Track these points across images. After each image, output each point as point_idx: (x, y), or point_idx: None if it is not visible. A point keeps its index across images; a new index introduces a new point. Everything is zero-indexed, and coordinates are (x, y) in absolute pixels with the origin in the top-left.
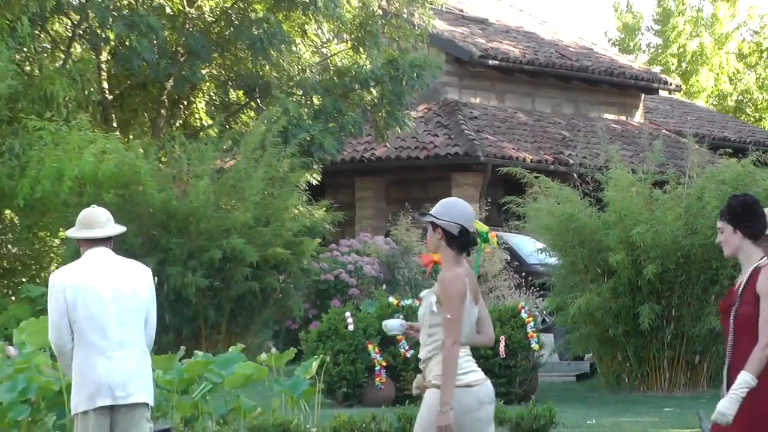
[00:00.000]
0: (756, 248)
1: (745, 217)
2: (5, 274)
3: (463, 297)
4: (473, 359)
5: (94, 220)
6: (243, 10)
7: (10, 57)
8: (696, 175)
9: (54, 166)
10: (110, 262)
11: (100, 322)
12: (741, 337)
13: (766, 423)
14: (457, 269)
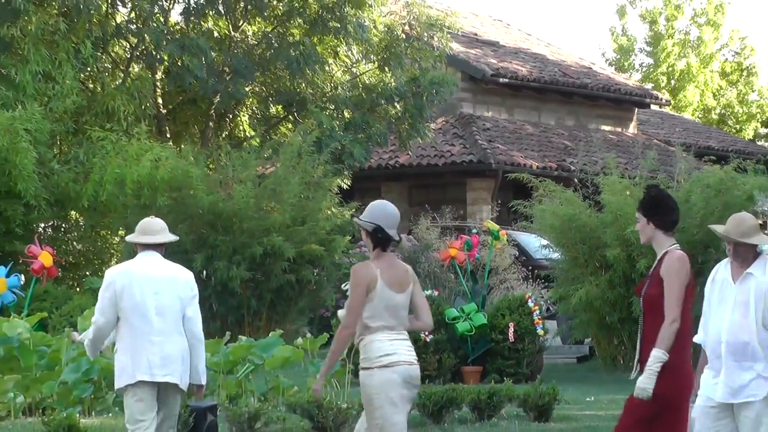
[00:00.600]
0: (667, 238)
1: (654, 211)
2: (71, 268)
3: (361, 286)
4: (403, 342)
5: (151, 229)
6: (282, 34)
7: (75, 76)
8: (683, 179)
9: (116, 172)
10: (157, 264)
11: (142, 310)
12: (648, 317)
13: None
14: (372, 261)
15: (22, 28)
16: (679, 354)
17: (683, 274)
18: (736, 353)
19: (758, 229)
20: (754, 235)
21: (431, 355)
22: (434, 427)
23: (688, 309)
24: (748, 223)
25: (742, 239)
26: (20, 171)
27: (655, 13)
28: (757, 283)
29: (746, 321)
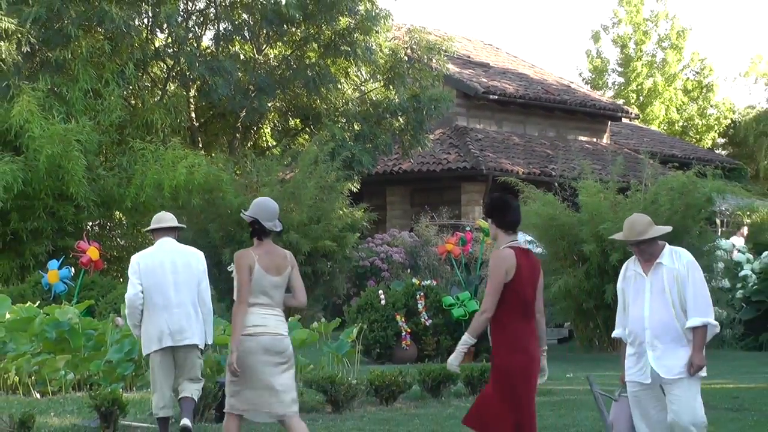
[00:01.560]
0: (507, 236)
1: (494, 213)
2: (115, 261)
3: (243, 269)
4: (274, 317)
5: (163, 219)
6: (300, 56)
7: (119, 93)
8: (650, 183)
9: (155, 177)
10: (172, 247)
11: (162, 287)
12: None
13: (510, 371)
14: (251, 249)
15: (72, 51)
16: (510, 337)
17: (497, 271)
18: (661, 336)
19: (651, 224)
20: (649, 231)
21: (430, 337)
22: (433, 401)
23: (519, 296)
24: (641, 222)
25: (641, 237)
26: (72, 176)
27: (625, 38)
28: (667, 270)
29: (666, 306)
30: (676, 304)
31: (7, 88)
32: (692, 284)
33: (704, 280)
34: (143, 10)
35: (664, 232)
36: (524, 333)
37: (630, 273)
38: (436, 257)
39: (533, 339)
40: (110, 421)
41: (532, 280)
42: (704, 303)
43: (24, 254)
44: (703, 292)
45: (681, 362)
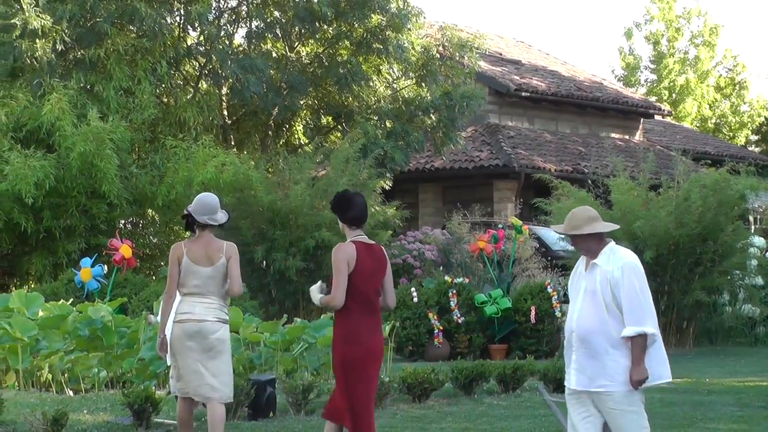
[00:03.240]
0: (351, 231)
1: (337, 209)
2: (148, 258)
3: (172, 261)
4: (202, 305)
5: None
6: (332, 54)
7: (152, 91)
8: (683, 181)
9: (185, 175)
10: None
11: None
12: None
13: (343, 362)
14: (185, 241)
15: (106, 49)
16: (346, 329)
17: (338, 263)
18: (585, 341)
19: (591, 220)
20: (584, 226)
21: (462, 335)
22: (465, 398)
23: (357, 290)
24: (579, 216)
25: (573, 232)
26: (104, 174)
27: (658, 35)
28: (601, 272)
29: (595, 310)
30: (611, 309)
31: (39, 86)
32: (626, 290)
33: (643, 285)
34: (175, 8)
35: (599, 230)
36: (363, 325)
37: (578, 270)
38: (469, 255)
39: (375, 332)
40: (143, 418)
41: (375, 274)
42: (639, 310)
43: (57, 252)
44: (638, 299)
45: (607, 373)
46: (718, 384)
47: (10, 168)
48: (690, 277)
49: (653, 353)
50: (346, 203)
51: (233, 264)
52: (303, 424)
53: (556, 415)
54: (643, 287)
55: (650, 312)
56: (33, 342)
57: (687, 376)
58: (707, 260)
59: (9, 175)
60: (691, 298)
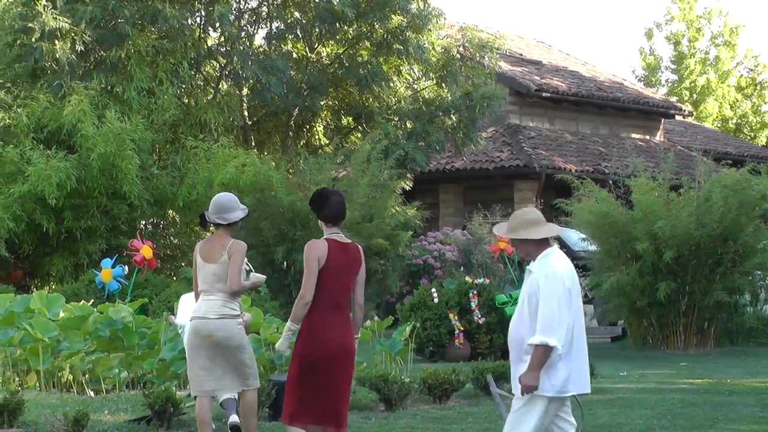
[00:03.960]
0: (327, 228)
1: (314, 207)
2: (168, 259)
3: (193, 261)
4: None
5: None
6: (352, 55)
7: (173, 92)
8: (704, 181)
9: (205, 176)
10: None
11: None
12: None
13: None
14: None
15: (127, 50)
16: (310, 325)
17: (309, 260)
18: (515, 348)
19: (529, 224)
20: (521, 230)
21: (483, 335)
22: (486, 399)
23: (325, 286)
24: (518, 218)
25: (509, 235)
26: (125, 175)
27: (678, 35)
28: (532, 278)
29: (520, 316)
30: (533, 316)
31: (59, 87)
32: (544, 298)
33: (559, 296)
34: (196, 9)
35: (530, 236)
36: (327, 323)
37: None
38: (489, 255)
39: (339, 330)
40: (164, 419)
41: (346, 272)
42: (548, 320)
43: (78, 253)
44: (551, 309)
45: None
46: (740, 385)
47: (33, 169)
48: (711, 277)
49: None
50: (322, 201)
51: (232, 260)
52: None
53: (499, 407)
54: (561, 299)
55: (560, 325)
56: (54, 343)
57: (708, 376)
58: (728, 261)
59: (31, 176)
60: (712, 299)
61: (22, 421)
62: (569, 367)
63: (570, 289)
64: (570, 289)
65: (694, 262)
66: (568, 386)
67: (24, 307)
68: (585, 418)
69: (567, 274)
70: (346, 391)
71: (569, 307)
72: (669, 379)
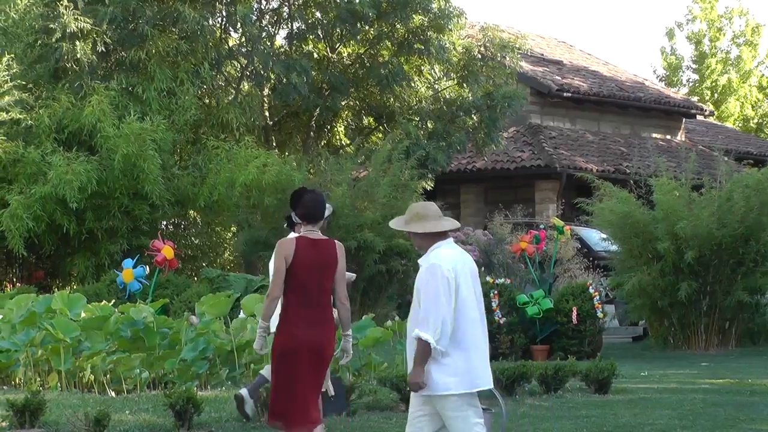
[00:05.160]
0: (303, 226)
1: (293, 205)
2: (189, 259)
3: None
4: None
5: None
6: (373, 55)
7: (194, 93)
8: (725, 181)
9: (227, 176)
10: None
11: None
12: None
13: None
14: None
15: (147, 51)
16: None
17: (277, 257)
18: (409, 343)
19: (421, 218)
20: (412, 223)
21: (504, 336)
22: (507, 399)
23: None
24: (411, 212)
25: (398, 227)
26: (147, 175)
27: (700, 35)
28: (418, 272)
29: (413, 311)
30: (418, 311)
31: (80, 88)
32: (423, 291)
33: (437, 290)
34: (217, 9)
35: (417, 230)
36: (299, 318)
37: None
38: (510, 255)
39: (312, 326)
40: (185, 419)
41: (319, 269)
42: (426, 314)
43: (99, 253)
44: (428, 303)
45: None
46: (761, 385)
47: (54, 173)
48: (732, 277)
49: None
50: (297, 200)
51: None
52: (345, 425)
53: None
54: (438, 293)
55: (435, 319)
56: (75, 343)
57: (729, 376)
58: (750, 261)
59: (53, 179)
60: (734, 299)
61: (43, 421)
62: (462, 361)
63: (452, 283)
64: (452, 283)
65: (715, 262)
66: (467, 381)
67: (45, 307)
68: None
69: (448, 267)
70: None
71: (449, 301)
72: (690, 380)
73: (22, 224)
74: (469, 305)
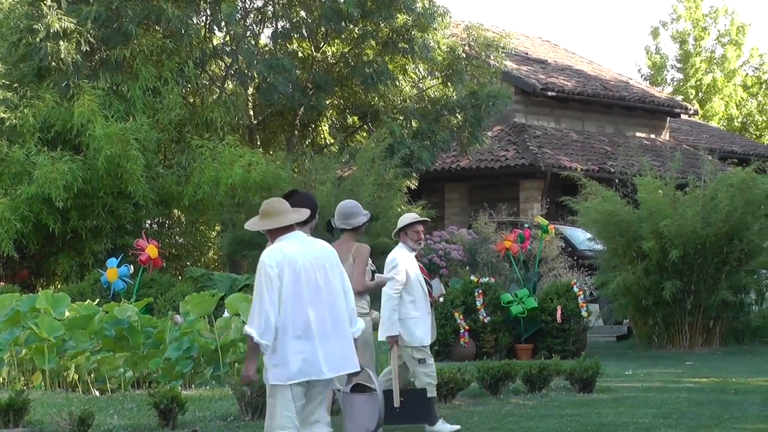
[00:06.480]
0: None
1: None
2: (173, 258)
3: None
4: None
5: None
6: (357, 54)
7: (178, 92)
8: (709, 180)
9: (212, 175)
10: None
11: None
12: None
13: None
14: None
15: (132, 49)
16: None
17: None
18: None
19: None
20: (260, 221)
21: (489, 334)
22: (492, 398)
23: None
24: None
25: (252, 228)
26: (131, 175)
27: (684, 34)
28: None
29: None
30: None
31: (67, 88)
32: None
33: (260, 285)
34: (201, 8)
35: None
36: None
37: None
38: (495, 254)
39: None
40: (169, 418)
41: None
42: (251, 310)
43: (83, 252)
44: (254, 299)
45: None
46: (745, 383)
47: (39, 172)
48: (717, 276)
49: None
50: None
51: (357, 262)
52: None
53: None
54: (261, 289)
55: (258, 314)
56: (59, 342)
57: (714, 375)
58: (734, 259)
59: (38, 179)
60: (718, 298)
61: (27, 420)
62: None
63: (275, 278)
64: (275, 278)
65: (699, 261)
66: (288, 374)
67: (29, 306)
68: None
69: (271, 263)
70: None
71: (271, 297)
72: (675, 378)
73: (10, 227)
74: (307, 296)
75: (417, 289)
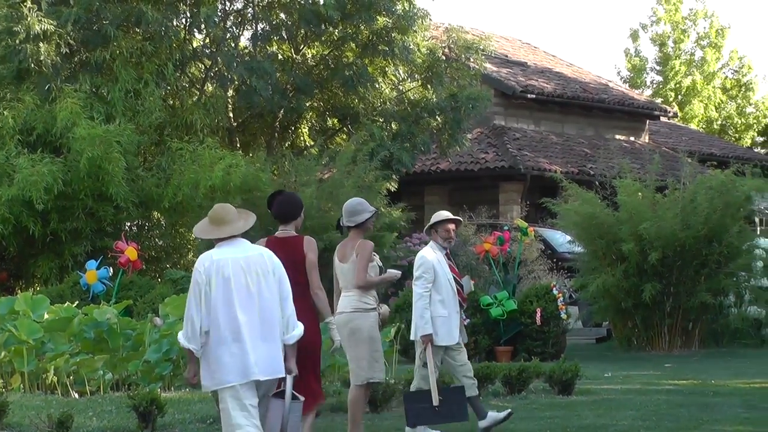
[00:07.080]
0: (281, 225)
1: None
2: (153, 261)
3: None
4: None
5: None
6: (337, 56)
7: (158, 94)
8: (689, 182)
9: (192, 177)
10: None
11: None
12: None
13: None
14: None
15: (112, 51)
16: None
17: None
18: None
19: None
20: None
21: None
22: None
23: None
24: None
25: (199, 236)
26: (111, 177)
27: (664, 36)
28: None
29: None
30: None
31: (47, 90)
32: None
33: (189, 292)
34: (181, 10)
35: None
36: None
37: None
38: (475, 257)
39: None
40: (148, 421)
41: (288, 266)
42: (184, 316)
43: (63, 254)
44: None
45: None
46: (725, 386)
47: (20, 175)
48: (696, 278)
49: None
50: (270, 203)
51: (358, 258)
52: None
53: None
54: (189, 295)
55: (186, 320)
56: (38, 344)
57: (693, 377)
58: (713, 262)
59: (19, 182)
60: (697, 300)
61: (6, 422)
62: (223, 357)
63: (202, 285)
64: (202, 285)
65: (679, 264)
66: (224, 377)
67: (8, 308)
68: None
69: (200, 269)
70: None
71: (197, 303)
72: (654, 380)
73: None
74: (237, 301)
75: (446, 287)
